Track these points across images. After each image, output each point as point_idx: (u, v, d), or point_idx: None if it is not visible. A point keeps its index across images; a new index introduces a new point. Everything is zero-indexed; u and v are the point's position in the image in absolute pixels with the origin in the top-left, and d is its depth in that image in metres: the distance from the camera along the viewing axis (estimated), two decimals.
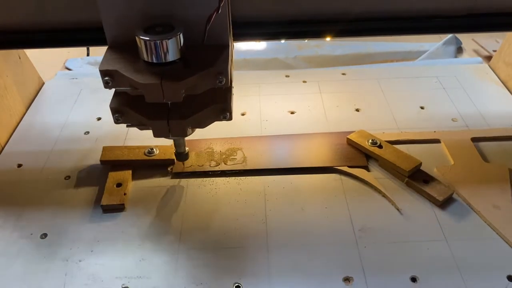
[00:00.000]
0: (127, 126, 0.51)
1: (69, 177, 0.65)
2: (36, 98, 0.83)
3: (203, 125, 0.51)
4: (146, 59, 0.44)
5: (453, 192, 0.59)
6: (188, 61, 0.45)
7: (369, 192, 0.61)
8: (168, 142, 0.69)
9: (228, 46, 0.48)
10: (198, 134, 0.71)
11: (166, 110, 0.49)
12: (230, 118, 0.50)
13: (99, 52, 1.13)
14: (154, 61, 0.44)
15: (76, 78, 0.89)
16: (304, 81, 0.85)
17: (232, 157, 0.66)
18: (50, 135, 0.73)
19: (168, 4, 0.45)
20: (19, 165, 0.67)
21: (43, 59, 0.93)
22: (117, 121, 0.50)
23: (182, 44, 0.44)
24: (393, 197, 0.60)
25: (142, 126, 0.51)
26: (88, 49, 1.14)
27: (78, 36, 0.54)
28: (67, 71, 1.00)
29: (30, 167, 0.67)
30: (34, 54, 0.87)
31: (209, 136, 0.71)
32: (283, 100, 0.80)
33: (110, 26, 0.47)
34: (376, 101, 0.79)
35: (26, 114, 0.79)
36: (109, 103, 0.78)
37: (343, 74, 0.87)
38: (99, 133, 0.73)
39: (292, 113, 0.77)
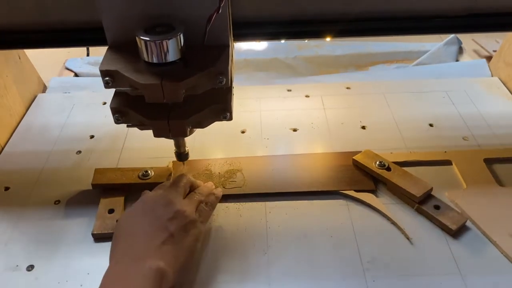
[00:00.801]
0: (128, 126, 0.51)
1: (59, 201, 0.61)
2: (28, 111, 0.80)
3: (203, 125, 0.50)
4: (146, 59, 0.44)
5: (466, 220, 0.56)
6: (188, 61, 0.45)
7: (377, 219, 0.58)
8: (163, 163, 0.65)
9: (229, 46, 0.48)
10: (196, 153, 0.68)
11: (167, 110, 0.48)
12: (230, 118, 0.50)
13: (99, 52, 1.12)
14: (155, 61, 0.43)
15: (69, 92, 0.85)
16: (307, 96, 0.81)
17: (232, 179, 0.63)
18: (40, 154, 0.70)
19: (168, 4, 0.45)
20: (6, 188, 0.64)
21: (43, 59, 0.93)
22: (117, 121, 0.49)
23: (182, 44, 0.44)
24: (403, 225, 0.56)
25: (142, 126, 0.51)
26: (88, 49, 1.13)
27: (78, 36, 0.54)
28: (62, 78, 0.97)
29: (18, 190, 0.64)
30: (34, 54, 0.87)
31: (207, 155, 0.68)
32: (285, 116, 0.76)
33: (110, 26, 0.47)
34: (383, 117, 0.76)
35: (21, 122, 0.77)
36: (104, 120, 0.76)
37: (348, 88, 0.83)
38: (92, 152, 0.70)
39: (295, 130, 0.73)
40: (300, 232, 0.56)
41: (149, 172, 0.62)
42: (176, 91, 0.44)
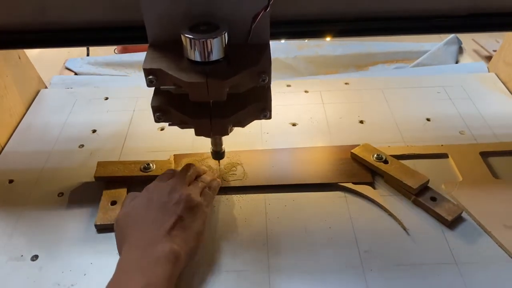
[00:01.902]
0: (169, 125, 0.51)
1: (62, 193, 0.62)
2: (31, 107, 0.81)
3: (243, 123, 0.51)
4: (190, 58, 0.44)
5: (462, 211, 0.57)
6: (231, 60, 0.45)
7: (374, 210, 0.59)
8: (165, 157, 0.66)
9: (269, 44, 0.48)
10: (196, 147, 0.69)
11: (208, 109, 0.48)
12: (270, 117, 0.50)
13: (99, 52, 1.13)
14: (199, 59, 0.44)
15: (71, 88, 0.86)
16: (306, 91, 0.82)
17: (232, 172, 0.64)
18: (43, 149, 0.71)
19: (212, 3, 0.45)
20: (11, 181, 0.65)
21: (43, 59, 0.93)
22: (158, 120, 0.49)
23: (226, 43, 0.44)
24: (400, 216, 0.57)
25: (183, 125, 0.51)
26: (88, 49, 1.14)
27: (78, 36, 0.54)
28: (63, 76, 0.98)
29: (21, 183, 0.65)
30: (34, 54, 0.87)
31: (208, 149, 0.68)
32: (285, 111, 0.77)
33: (152, 25, 0.47)
34: (381, 112, 0.77)
35: (22, 120, 0.77)
36: (106, 115, 0.77)
37: (346, 83, 0.84)
38: (94, 146, 0.71)
39: (294, 125, 0.74)
40: (299, 223, 0.57)
41: (151, 165, 0.63)
42: (221, 89, 0.44)
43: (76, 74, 1.02)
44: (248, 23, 0.45)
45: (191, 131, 0.73)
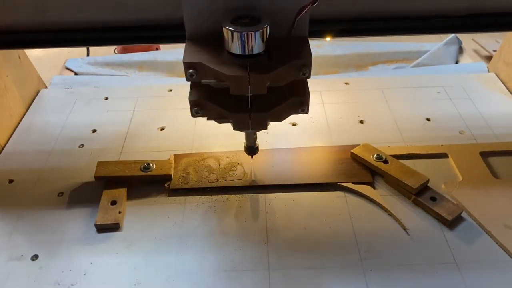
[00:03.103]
0: (208, 119, 0.51)
1: (62, 193, 0.62)
2: (31, 107, 0.81)
3: (281, 118, 0.50)
4: (232, 51, 0.44)
5: (462, 211, 0.57)
6: (271, 53, 0.45)
7: (374, 210, 0.59)
8: (165, 157, 0.66)
9: (307, 38, 0.47)
10: (197, 147, 0.69)
11: (246, 103, 0.48)
12: (307, 111, 0.50)
13: (99, 52, 1.13)
14: (241, 53, 0.43)
15: (71, 88, 0.86)
16: None
17: (232, 172, 0.64)
18: (43, 149, 0.71)
19: None
20: (11, 181, 0.65)
21: (43, 59, 0.94)
22: (196, 114, 0.49)
23: (267, 36, 0.44)
24: (400, 216, 0.57)
25: (221, 119, 0.50)
26: (88, 49, 1.14)
27: (78, 36, 0.54)
28: (63, 76, 0.98)
29: (21, 182, 0.65)
30: (34, 54, 0.87)
31: (208, 148, 0.69)
32: None
33: (191, 18, 0.46)
34: (381, 112, 0.77)
35: (22, 119, 0.77)
36: (106, 115, 0.77)
37: (346, 83, 0.84)
38: (94, 146, 0.71)
39: (294, 124, 0.74)
40: (299, 223, 0.57)
41: (151, 165, 0.63)
42: (263, 83, 0.44)
43: (76, 74, 1.02)
44: (288, 16, 0.45)
45: (192, 131, 0.73)
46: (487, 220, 0.56)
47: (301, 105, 0.49)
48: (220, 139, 0.71)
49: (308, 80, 0.49)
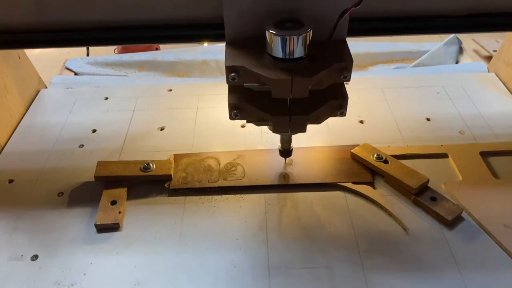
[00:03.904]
0: (247, 122, 0.51)
1: (62, 193, 0.62)
2: (31, 106, 0.81)
3: (320, 120, 0.51)
4: (274, 55, 0.44)
5: (462, 211, 0.57)
6: (312, 56, 0.45)
7: (374, 210, 0.59)
8: (165, 156, 0.66)
9: (346, 41, 0.48)
10: (196, 147, 0.69)
11: (285, 106, 0.49)
12: (345, 114, 0.50)
13: (99, 52, 1.13)
14: (285, 56, 0.44)
15: (71, 88, 0.86)
16: None
17: (232, 172, 0.64)
18: (43, 149, 0.71)
19: (295, 0, 0.45)
20: (11, 181, 0.65)
21: (43, 59, 0.94)
22: (234, 117, 0.49)
23: (310, 40, 0.44)
24: (400, 216, 0.57)
25: (260, 122, 0.51)
26: (88, 49, 1.14)
27: (78, 36, 0.54)
28: (63, 76, 0.98)
29: (21, 182, 0.65)
30: (34, 54, 0.87)
31: (208, 149, 0.69)
32: None
33: (232, 22, 0.47)
34: (380, 112, 0.77)
35: (22, 119, 0.77)
36: (106, 115, 0.77)
37: (346, 83, 0.84)
38: (94, 146, 0.71)
39: None
40: (299, 223, 0.57)
41: (151, 165, 0.63)
42: (305, 86, 0.44)
43: (76, 74, 1.02)
44: (329, 19, 0.45)
45: (191, 131, 0.73)
46: (487, 220, 0.56)
47: (340, 108, 0.50)
48: (220, 139, 0.71)
49: None
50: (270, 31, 0.43)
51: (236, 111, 0.49)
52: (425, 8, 0.53)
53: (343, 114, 0.50)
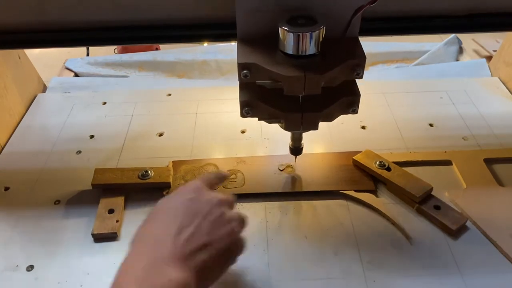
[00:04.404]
0: (259, 119, 0.50)
1: (59, 201, 0.61)
2: (28, 112, 0.80)
3: (332, 118, 0.50)
4: (287, 51, 0.44)
5: (466, 220, 0.56)
6: (325, 53, 0.45)
7: (377, 219, 0.58)
8: (163, 163, 0.65)
9: (358, 38, 0.48)
10: (196, 153, 0.68)
11: (297, 103, 0.48)
12: (357, 111, 0.50)
13: (99, 52, 1.12)
14: (297, 53, 0.44)
15: (69, 92, 0.85)
16: None
17: (232, 179, 0.63)
18: (40, 154, 0.70)
19: None
20: (6, 188, 0.64)
21: (43, 59, 0.93)
22: (246, 115, 0.49)
23: (323, 37, 0.44)
24: (403, 225, 0.56)
25: (271, 120, 0.50)
26: (88, 49, 1.14)
27: (78, 36, 0.54)
28: (62, 78, 0.97)
29: (18, 190, 0.64)
30: (34, 54, 0.87)
31: (208, 155, 0.68)
32: None
33: (244, 19, 0.46)
34: (383, 117, 0.76)
35: (21, 121, 0.77)
36: (104, 120, 0.76)
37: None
38: (92, 152, 0.70)
39: None
40: (300, 232, 0.56)
41: (149, 172, 0.62)
42: (318, 83, 0.44)
43: (76, 74, 1.01)
44: (342, 17, 0.45)
45: (191, 137, 0.72)
46: (492, 229, 0.55)
47: (352, 105, 0.49)
48: (220, 145, 0.70)
49: None
50: (283, 27, 0.43)
51: (248, 108, 0.48)
52: (425, 8, 0.53)
53: (355, 111, 0.49)
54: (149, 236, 0.41)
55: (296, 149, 0.59)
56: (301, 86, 0.44)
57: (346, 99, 0.49)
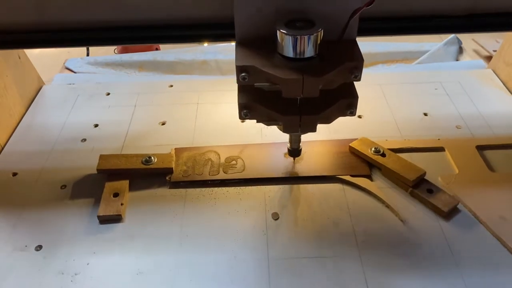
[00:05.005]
0: (257, 122, 0.51)
1: (65, 186, 0.63)
2: (33, 103, 0.82)
3: (330, 120, 0.51)
4: (285, 54, 0.44)
5: (458, 202, 0.58)
6: (323, 56, 0.46)
7: (372, 202, 0.60)
8: (166, 150, 0.67)
9: (356, 40, 0.48)
10: (197, 141, 0.70)
11: (295, 106, 0.49)
12: (355, 113, 0.50)
13: (99, 52, 1.13)
14: (296, 56, 0.44)
15: (74, 84, 0.87)
16: None
17: (232, 165, 0.65)
18: (46, 143, 0.72)
19: (305, 0, 0.46)
20: (14, 174, 0.66)
21: (43, 59, 0.94)
22: (244, 117, 0.50)
23: (321, 39, 0.44)
24: (397, 208, 0.58)
25: (270, 122, 0.51)
26: (88, 49, 1.14)
27: (78, 36, 0.54)
28: (65, 74, 0.99)
29: (25, 175, 0.66)
30: (34, 54, 0.87)
31: (208, 143, 0.70)
32: None
33: (243, 22, 0.47)
34: (379, 107, 0.78)
35: (22, 118, 0.78)
36: (108, 110, 0.78)
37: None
38: (96, 140, 0.72)
39: None
40: (298, 214, 0.58)
41: (152, 158, 0.64)
42: (316, 86, 0.44)
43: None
44: (340, 19, 0.46)
45: (192, 126, 0.74)
46: (482, 211, 0.57)
47: (350, 107, 0.50)
48: (220, 134, 0.72)
49: None
50: (281, 30, 0.43)
51: (246, 111, 0.49)
52: (425, 8, 0.53)
53: (353, 113, 0.50)
54: None
55: (294, 151, 0.60)
56: (299, 89, 0.44)
57: (344, 101, 0.49)
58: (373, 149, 0.64)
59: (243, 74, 0.45)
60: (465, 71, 0.88)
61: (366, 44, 1.09)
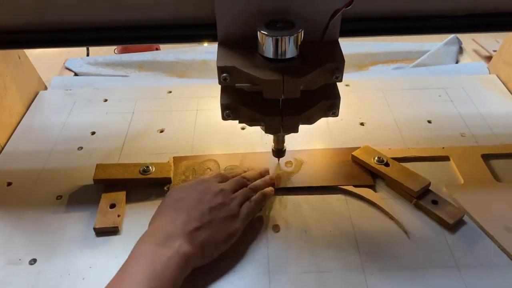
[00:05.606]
0: (239, 122, 0.51)
1: (61, 196, 0.62)
2: (29, 109, 0.80)
3: (312, 121, 0.51)
4: (266, 55, 0.44)
5: (463, 214, 0.57)
6: (304, 57, 0.45)
7: (375, 213, 0.58)
8: (164, 159, 0.66)
9: (338, 41, 0.48)
10: (197, 149, 0.69)
11: (278, 106, 0.48)
12: (337, 114, 0.50)
13: (99, 52, 1.13)
14: (276, 57, 0.44)
15: (70, 90, 0.86)
16: None
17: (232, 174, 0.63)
18: (41, 152, 0.70)
19: (286, 0, 0.46)
20: (9, 184, 0.64)
21: (43, 59, 0.94)
22: (227, 118, 0.49)
23: (302, 40, 0.44)
24: (401, 219, 0.57)
25: (252, 123, 0.51)
26: (88, 49, 1.14)
27: (78, 36, 0.54)
28: (63, 77, 0.98)
29: (20, 185, 0.64)
30: (34, 54, 0.87)
31: (208, 151, 0.68)
32: None
33: (224, 23, 0.47)
34: (381, 114, 0.76)
35: (19, 124, 0.77)
36: (105, 117, 0.77)
37: (347, 85, 0.84)
38: (93, 148, 0.70)
39: None
40: (300, 226, 0.57)
41: (150, 167, 0.63)
42: (297, 87, 0.44)
43: (76, 74, 1.02)
44: (320, 20, 0.45)
45: (191, 134, 0.73)
46: (488, 223, 0.56)
47: (332, 108, 0.49)
48: (220, 141, 0.71)
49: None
50: (262, 31, 0.43)
51: (229, 111, 0.49)
52: (425, 8, 0.53)
53: (335, 114, 0.50)
54: (164, 217, 0.51)
55: (278, 151, 0.60)
56: (280, 89, 0.44)
57: (326, 102, 0.49)
58: (376, 158, 0.63)
59: (224, 74, 0.45)
60: (469, 76, 0.87)
61: (366, 44, 1.09)
